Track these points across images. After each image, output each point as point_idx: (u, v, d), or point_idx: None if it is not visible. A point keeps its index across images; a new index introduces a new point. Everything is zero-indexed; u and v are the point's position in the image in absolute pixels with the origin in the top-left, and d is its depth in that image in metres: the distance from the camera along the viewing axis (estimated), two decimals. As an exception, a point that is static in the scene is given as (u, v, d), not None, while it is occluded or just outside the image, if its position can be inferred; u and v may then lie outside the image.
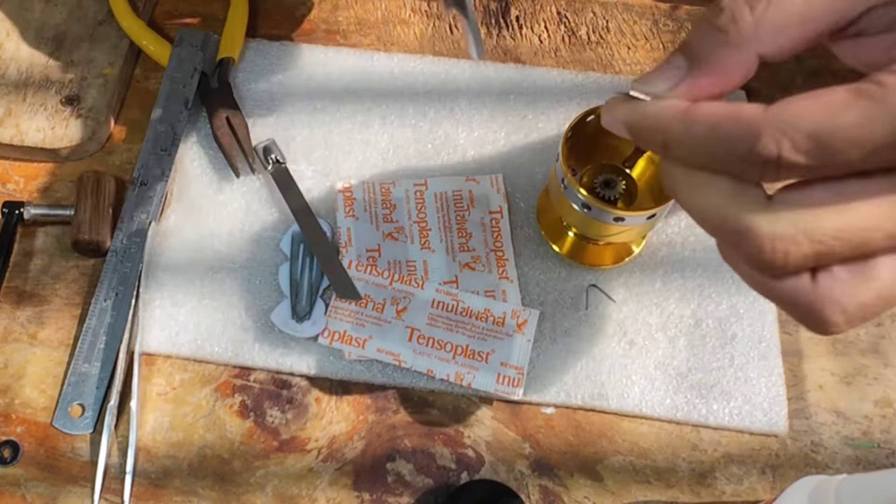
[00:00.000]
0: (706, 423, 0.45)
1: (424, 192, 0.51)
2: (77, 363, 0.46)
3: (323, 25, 0.58)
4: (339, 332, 0.46)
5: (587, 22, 0.58)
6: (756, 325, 0.48)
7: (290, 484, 0.44)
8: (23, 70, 0.53)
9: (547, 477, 0.44)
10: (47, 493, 0.43)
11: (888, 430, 0.46)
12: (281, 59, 0.55)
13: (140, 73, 0.56)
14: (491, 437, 0.45)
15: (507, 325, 0.47)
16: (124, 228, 0.49)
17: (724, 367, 0.46)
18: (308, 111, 0.54)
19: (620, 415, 0.46)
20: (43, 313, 0.48)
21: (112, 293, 0.47)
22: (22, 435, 0.45)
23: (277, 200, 0.51)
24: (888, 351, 0.48)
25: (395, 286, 0.48)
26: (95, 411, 0.45)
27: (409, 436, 0.45)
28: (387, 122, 0.54)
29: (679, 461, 0.45)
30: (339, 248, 0.49)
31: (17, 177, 0.52)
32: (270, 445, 0.45)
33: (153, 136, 0.52)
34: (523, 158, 0.52)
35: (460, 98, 0.54)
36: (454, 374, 0.45)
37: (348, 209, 0.50)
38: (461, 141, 0.53)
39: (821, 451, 0.45)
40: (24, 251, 0.49)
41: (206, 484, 0.44)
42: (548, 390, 0.46)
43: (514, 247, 0.49)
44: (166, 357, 0.47)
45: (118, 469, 0.44)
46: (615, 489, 0.44)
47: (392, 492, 0.44)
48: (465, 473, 0.44)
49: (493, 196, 0.51)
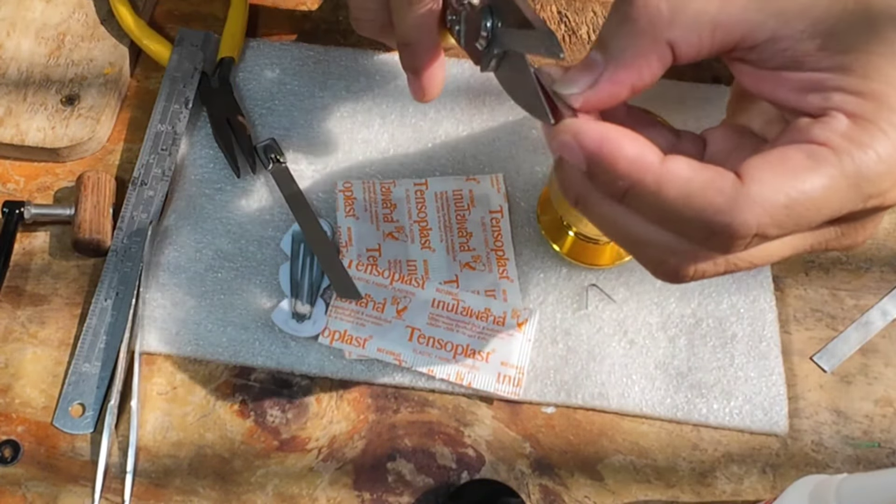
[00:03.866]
0: (706, 423, 0.45)
1: (425, 192, 0.51)
2: (77, 363, 0.46)
3: (323, 25, 0.58)
4: (339, 331, 0.46)
5: (587, 21, 0.58)
6: (756, 324, 0.48)
7: (291, 483, 0.44)
8: (23, 70, 0.53)
9: (547, 476, 0.44)
10: (48, 493, 0.43)
11: (889, 429, 0.46)
12: (281, 59, 0.55)
13: (140, 73, 0.56)
14: (491, 437, 0.45)
15: (507, 324, 0.47)
16: (124, 228, 0.49)
17: (724, 367, 0.46)
18: (308, 111, 0.54)
19: (621, 414, 0.46)
20: (43, 313, 0.48)
21: (112, 293, 0.47)
22: (22, 434, 0.45)
23: (278, 200, 0.51)
24: (888, 351, 0.48)
25: (395, 286, 0.48)
26: (96, 411, 0.45)
27: (410, 435, 0.45)
28: (387, 121, 0.54)
29: (679, 461, 0.45)
30: (340, 247, 0.49)
31: (18, 176, 0.52)
32: (271, 445, 0.45)
33: (153, 136, 0.52)
34: (524, 158, 0.52)
35: (461, 97, 0.54)
36: (454, 374, 0.45)
37: (349, 209, 0.50)
38: (462, 141, 0.53)
39: (821, 451, 0.45)
40: (24, 251, 0.49)
41: (206, 483, 0.44)
42: (548, 390, 0.46)
43: (514, 246, 0.49)
44: (167, 356, 0.47)
45: (118, 468, 0.44)
46: (616, 488, 0.44)
47: (392, 491, 0.44)
48: (465, 473, 0.44)
49: (494, 196, 0.51)
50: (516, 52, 0.34)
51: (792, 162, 0.27)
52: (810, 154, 0.27)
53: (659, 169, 0.28)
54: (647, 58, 0.29)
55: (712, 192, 0.27)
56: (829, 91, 0.28)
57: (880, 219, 0.31)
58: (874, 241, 0.51)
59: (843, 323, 0.48)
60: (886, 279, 0.50)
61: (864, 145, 0.27)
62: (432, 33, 0.40)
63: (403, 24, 0.40)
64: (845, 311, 0.49)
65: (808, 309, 0.49)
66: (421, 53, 0.41)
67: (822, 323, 0.48)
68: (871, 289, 0.49)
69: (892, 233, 0.51)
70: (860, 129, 0.27)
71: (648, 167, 0.28)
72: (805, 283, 0.49)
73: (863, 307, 0.49)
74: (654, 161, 0.28)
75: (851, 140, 0.27)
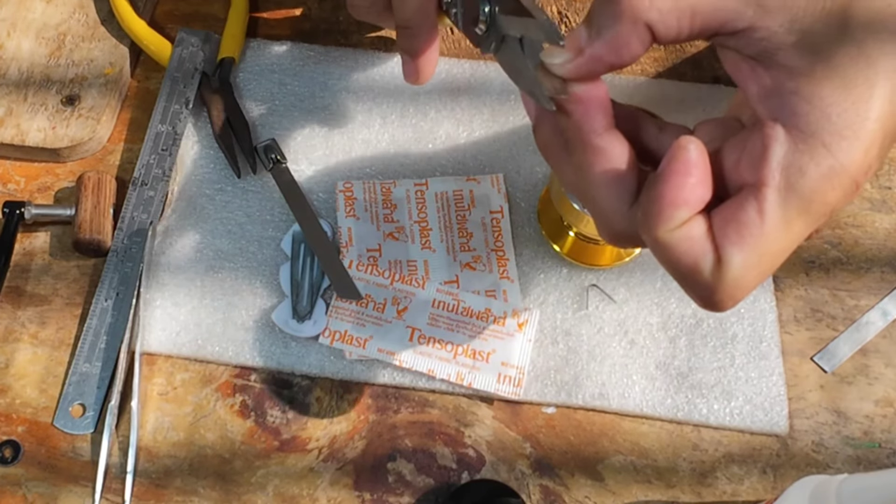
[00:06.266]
0: (707, 423, 0.45)
1: (425, 192, 0.51)
2: (78, 363, 0.46)
3: (323, 25, 0.58)
4: (339, 331, 0.46)
5: (588, 22, 0.58)
6: (757, 324, 0.48)
7: (291, 484, 0.44)
8: (23, 70, 0.53)
9: (548, 476, 0.44)
10: (48, 493, 0.43)
11: (889, 429, 0.46)
12: (281, 59, 0.55)
13: (140, 73, 0.56)
14: (492, 437, 0.45)
15: (507, 324, 0.47)
16: (125, 228, 0.49)
17: (724, 367, 0.46)
18: (308, 111, 0.54)
19: (621, 414, 0.46)
20: (44, 313, 0.48)
21: (113, 293, 0.47)
22: (23, 435, 0.45)
23: (278, 200, 0.51)
24: (888, 351, 0.48)
25: (395, 286, 0.48)
26: (96, 411, 0.45)
27: (410, 435, 0.45)
28: (387, 121, 0.54)
29: (680, 461, 0.45)
30: (340, 247, 0.49)
31: (18, 177, 0.52)
32: (271, 445, 0.45)
33: (154, 136, 0.52)
34: (524, 158, 0.52)
35: (461, 98, 0.54)
36: (455, 374, 0.45)
37: (349, 209, 0.50)
38: (462, 141, 0.53)
39: (822, 451, 0.45)
40: (24, 251, 0.49)
41: (206, 484, 0.44)
42: (548, 390, 0.46)
43: (514, 246, 0.49)
44: (167, 357, 0.47)
45: (119, 469, 0.44)
46: (616, 489, 0.44)
47: (393, 492, 0.44)
48: (465, 473, 0.44)
49: (494, 196, 0.51)
50: (515, 37, 0.34)
51: (748, 227, 0.29)
52: (759, 209, 0.29)
53: (597, 139, 0.31)
54: (626, 38, 0.30)
55: (699, 269, 0.30)
56: (785, 95, 0.29)
57: None
58: (874, 241, 0.51)
59: (844, 323, 0.48)
60: (886, 279, 0.50)
61: (803, 169, 0.28)
62: (431, 17, 0.42)
63: (403, 7, 0.42)
64: (845, 312, 0.49)
65: (809, 309, 0.49)
66: (419, 36, 0.43)
67: (822, 323, 0.48)
68: (872, 289, 0.49)
69: (893, 233, 0.51)
70: (799, 152, 0.28)
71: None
72: (805, 283, 0.49)
73: (863, 307, 0.49)
74: (598, 127, 0.31)
75: (790, 168, 0.28)
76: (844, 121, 0.28)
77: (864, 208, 0.52)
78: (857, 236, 0.51)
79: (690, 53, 0.56)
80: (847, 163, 0.28)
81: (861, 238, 0.51)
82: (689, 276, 0.30)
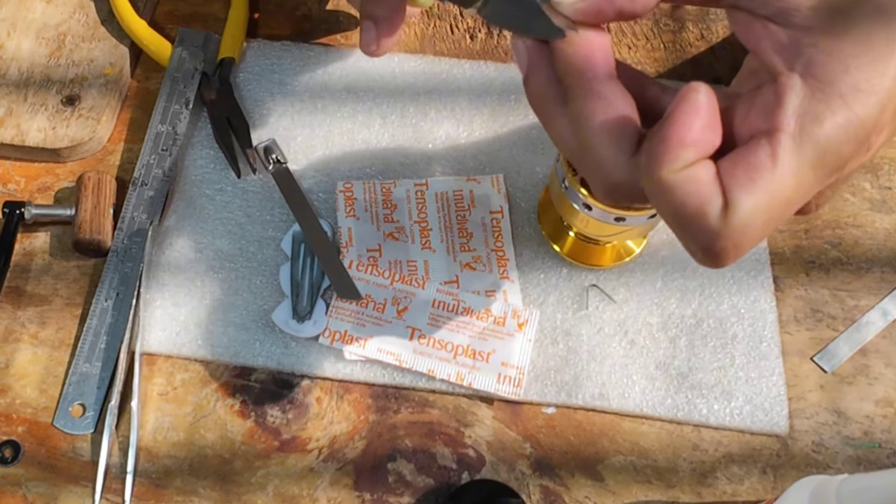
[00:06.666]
0: (707, 423, 0.45)
1: (425, 192, 0.51)
2: (78, 363, 0.46)
3: (323, 25, 0.58)
4: (339, 331, 0.46)
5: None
6: (757, 324, 0.48)
7: (291, 484, 0.44)
8: (24, 70, 0.53)
9: (548, 477, 0.44)
10: (48, 493, 0.43)
11: (889, 429, 0.46)
12: (281, 59, 0.55)
13: (141, 73, 0.56)
14: (492, 437, 0.45)
15: (507, 324, 0.47)
16: (125, 228, 0.49)
17: (725, 367, 0.46)
18: (309, 111, 0.54)
19: (621, 415, 0.46)
20: (44, 313, 0.48)
21: (113, 293, 0.47)
22: (23, 435, 0.45)
23: (278, 200, 0.51)
24: (888, 351, 0.48)
25: (395, 286, 0.48)
26: (96, 411, 0.45)
27: (410, 436, 0.45)
28: (387, 122, 0.54)
29: (680, 461, 0.45)
30: (340, 247, 0.49)
31: (18, 177, 0.52)
32: (271, 445, 0.45)
33: (154, 137, 0.52)
34: (524, 158, 0.52)
35: (461, 98, 0.54)
36: (455, 374, 0.45)
37: (349, 209, 0.50)
38: (462, 141, 0.53)
39: (822, 451, 0.45)
40: (24, 251, 0.49)
41: (206, 484, 0.44)
42: (549, 390, 0.46)
43: (514, 247, 0.49)
44: (167, 357, 0.47)
45: (119, 469, 0.44)
46: (616, 489, 0.44)
47: (393, 492, 0.44)
48: (465, 473, 0.44)
49: (494, 196, 0.51)
50: None
51: (759, 170, 0.28)
52: (772, 153, 0.28)
53: (600, 85, 0.30)
54: None
55: (704, 215, 0.28)
56: (803, 47, 0.28)
57: (841, 185, 0.32)
58: (874, 241, 0.51)
59: (844, 323, 0.48)
60: (886, 279, 0.50)
61: (819, 118, 0.28)
62: None
63: None
64: (845, 312, 0.49)
65: (809, 309, 0.49)
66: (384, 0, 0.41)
67: (822, 323, 0.48)
68: (872, 289, 0.49)
69: (893, 233, 0.51)
70: (816, 100, 0.28)
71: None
72: (805, 283, 0.49)
73: (863, 308, 0.49)
74: (601, 73, 0.30)
75: (805, 116, 0.28)
76: (863, 74, 0.28)
77: (864, 208, 0.52)
78: (857, 236, 0.51)
79: (691, 54, 0.56)
80: (863, 115, 0.28)
81: (861, 238, 0.51)
82: (693, 221, 0.28)
